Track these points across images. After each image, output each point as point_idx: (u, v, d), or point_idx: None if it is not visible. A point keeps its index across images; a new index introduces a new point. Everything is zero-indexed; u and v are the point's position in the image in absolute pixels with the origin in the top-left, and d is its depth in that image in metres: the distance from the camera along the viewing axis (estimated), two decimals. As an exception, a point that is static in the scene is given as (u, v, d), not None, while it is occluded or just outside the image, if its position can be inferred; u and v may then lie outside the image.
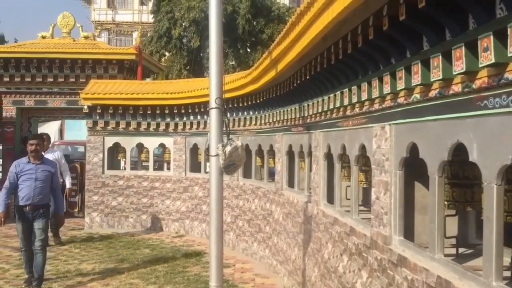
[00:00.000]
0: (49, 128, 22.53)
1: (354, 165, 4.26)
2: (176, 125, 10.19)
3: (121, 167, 11.47)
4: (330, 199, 5.04)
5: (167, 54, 23.03)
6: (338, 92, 4.36)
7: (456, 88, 2.52)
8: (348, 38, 3.53)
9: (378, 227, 3.53)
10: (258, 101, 7.35)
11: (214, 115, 4.41)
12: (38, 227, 5.94)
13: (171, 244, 8.84)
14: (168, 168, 10.71)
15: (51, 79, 11.60)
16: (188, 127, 10.02)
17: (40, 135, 7.15)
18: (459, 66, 2.41)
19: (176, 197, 10.17)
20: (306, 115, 5.60)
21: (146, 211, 10.32)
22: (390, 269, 3.28)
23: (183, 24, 22.80)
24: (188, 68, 24.54)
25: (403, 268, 3.08)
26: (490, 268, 2.28)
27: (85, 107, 10.17)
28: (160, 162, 11.85)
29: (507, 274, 2.75)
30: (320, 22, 3.45)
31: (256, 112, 7.89)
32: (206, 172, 9.73)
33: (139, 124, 10.32)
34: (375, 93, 3.52)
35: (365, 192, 5.34)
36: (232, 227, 8.59)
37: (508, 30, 2.04)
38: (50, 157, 7.57)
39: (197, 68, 24.67)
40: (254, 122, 8.03)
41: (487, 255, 2.32)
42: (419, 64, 2.83)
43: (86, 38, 12.45)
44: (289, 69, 5.18)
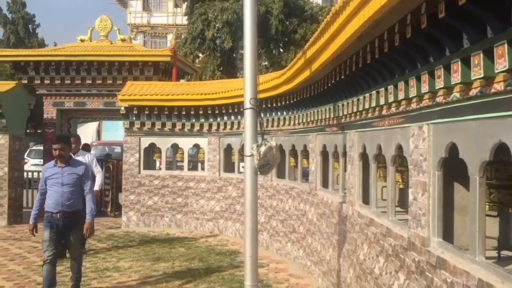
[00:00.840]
0: (87, 129, 23.20)
1: (390, 165, 4.20)
2: (210, 125, 10.29)
3: (156, 167, 11.68)
4: (366, 200, 4.99)
5: (200, 55, 23.28)
6: (374, 92, 4.31)
7: (498, 86, 2.46)
8: (385, 37, 3.48)
9: (416, 228, 3.48)
10: (292, 101, 7.34)
11: (248, 116, 4.44)
12: (71, 237, 5.48)
13: (205, 243, 8.94)
14: (203, 168, 10.82)
15: (89, 81, 11.93)
16: (222, 127, 10.11)
17: (64, 137, 6.16)
18: (501, 64, 2.35)
19: (210, 197, 10.27)
20: (340, 115, 5.56)
21: (181, 210, 10.47)
22: (428, 271, 3.22)
23: (217, 25, 23.00)
24: (221, 69, 24.72)
25: (442, 271, 3.02)
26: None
27: (122, 108, 10.39)
28: (195, 162, 12.00)
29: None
30: (356, 21, 3.43)
31: (290, 112, 7.88)
32: (240, 172, 9.81)
33: (174, 125, 10.48)
34: (413, 92, 3.47)
35: (401, 192, 5.26)
36: (265, 227, 8.61)
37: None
38: (80, 159, 6.80)
39: (230, 69, 24.83)
40: (287, 123, 8.02)
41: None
42: (459, 62, 2.77)
43: (123, 40, 12.74)
44: (323, 69, 5.15)
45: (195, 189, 10.42)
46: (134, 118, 10.50)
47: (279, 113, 8.27)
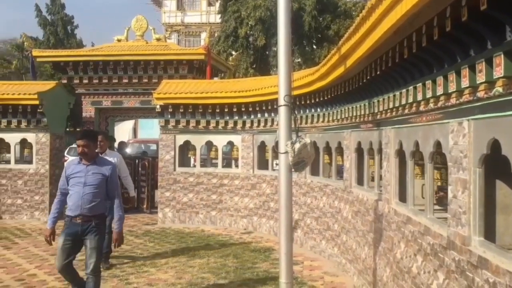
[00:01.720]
0: (123, 127, 23.70)
1: (428, 162, 4.11)
2: (244, 123, 10.33)
3: (191, 165, 11.82)
4: (402, 197, 4.90)
5: (234, 53, 23.42)
6: (411, 87, 4.22)
7: (544, 80, 2.37)
8: (423, 31, 3.40)
9: (456, 227, 3.39)
10: (326, 98, 7.27)
11: (283, 112, 4.43)
12: (90, 246, 4.74)
13: (239, 240, 8.99)
14: (236, 166, 10.88)
15: (126, 80, 12.17)
16: (255, 124, 10.13)
17: (90, 133, 5.37)
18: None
19: (244, 194, 10.32)
20: (376, 111, 5.47)
21: (215, 207, 10.56)
22: (469, 271, 3.14)
23: (249, 23, 23.05)
24: (254, 66, 24.75)
25: (484, 270, 2.93)
26: None
27: (157, 106, 10.56)
28: (228, 160, 12.08)
29: None
30: (393, 15, 3.36)
31: (324, 109, 7.82)
32: (274, 170, 9.81)
33: (208, 123, 10.58)
34: (452, 87, 3.37)
35: (439, 190, 5.14)
36: (299, 225, 8.58)
37: None
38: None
39: (263, 66, 24.84)
40: (321, 119, 7.96)
41: None
42: (502, 55, 2.67)
43: (158, 40, 12.94)
44: (358, 64, 5.08)
45: (229, 186, 10.48)
46: (169, 116, 10.65)
47: (313, 110, 8.22)
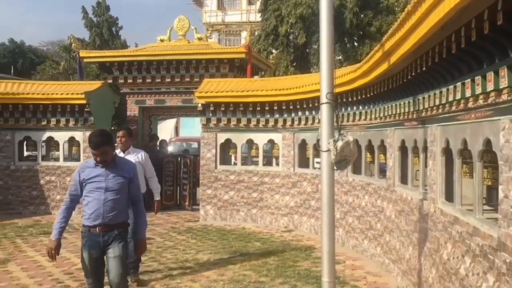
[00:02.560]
0: (165, 126, 24.14)
1: (477, 161, 3.97)
2: (285, 121, 10.31)
3: (231, 162, 11.91)
4: (449, 197, 4.76)
5: (274, 51, 23.43)
6: (459, 83, 4.09)
7: None
8: (472, 25, 3.29)
9: (507, 228, 3.26)
10: (368, 95, 7.16)
11: (325, 110, 4.39)
12: (113, 255, 4.21)
13: (280, 238, 8.99)
14: (277, 164, 10.88)
15: (168, 80, 12.39)
16: (296, 123, 10.09)
17: (104, 138, 4.23)
18: None
19: (285, 192, 10.31)
20: (421, 108, 5.34)
21: (256, 205, 10.60)
22: (521, 273, 3.02)
23: (290, 21, 22.99)
24: (294, 64, 24.66)
25: (538, 274, 2.81)
26: None
27: (199, 105, 10.70)
28: (269, 158, 12.10)
29: None
30: (440, 9, 3.27)
31: (366, 107, 7.70)
32: (315, 168, 9.75)
33: (249, 121, 10.62)
34: (503, 83, 3.25)
35: (488, 189, 4.96)
36: (341, 223, 8.50)
37: None
38: (131, 158, 5.80)
39: (303, 64, 24.72)
40: (363, 117, 7.84)
41: None
42: (558, 49, 2.55)
43: (200, 39, 13.09)
44: (403, 61, 4.97)
45: (270, 184, 10.50)
46: (211, 115, 10.76)
47: (355, 107, 8.11)
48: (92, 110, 11.20)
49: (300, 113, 9.94)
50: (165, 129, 23.63)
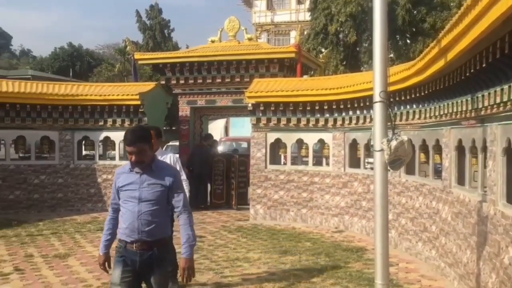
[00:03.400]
0: (216, 125, 24.49)
1: (542, 161, 3.78)
2: (335, 120, 10.20)
3: (281, 162, 11.91)
4: (510, 199, 4.55)
5: (323, 50, 23.24)
6: (522, 80, 3.91)
7: None
8: (537, 18, 3.14)
9: None
10: (422, 93, 6.96)
11: (378, 109, 4.32)
12: (153, 282, 3.62)
13: (331, 239, 8.91)
14: (327, 164, 10.78)
15: (219, 80, 12.56)
16: (347, 122, 9.96)
17: (143, 133, 3.65)
18: None
19: (335, 192, 10.20)
20: (480, 106, 5.13)
21: (306, 205, 10.55)
22: None
23: (340, 19, 22.73)
24: (344, 63, 24.37)
25: None
26: None
27: (249, 105, 10.77)
28: (319, 158, 12.01)
29: None
30: (503, 3, 3.13)
31: (420, 106, 7.49)
32: (366, 168, 9.59)
33: (299, 120, 10.59)
34: None
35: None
36: (394, 225, 8.30)
37: None
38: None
39: (353, 62, 24.39)
40: (417, 116, 7.64)
41: None
42: None
43: (250, 40, 13.18)
44: (461, 57, 4.80)
45: (320, 184, 10.42)
46: (261, 114, 10.82)
47: (408, 106, 7.91)
48: (146, 111, 11.53)
49: (351, 112, 9.81)
50: (215, 129, 23.96)
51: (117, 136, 11.96)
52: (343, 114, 10.02)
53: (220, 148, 17.85)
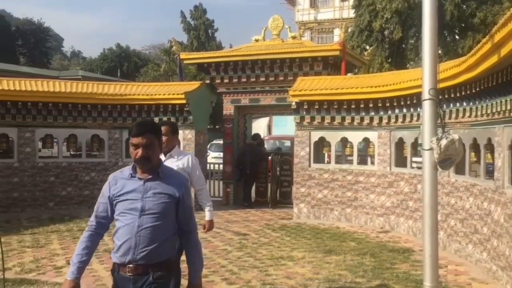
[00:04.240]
0: (259, 124, 24.60)
1: None
2: (381, 119, 10.03)
3: (325, 161, 11.82)
4: None
5: (368, 48, 22.90)
6: None
7: None
8: None
9: None
10: (473, 90, 6.75)
11: (427, 107, 4.21)
12: None
13: (376, 239, 8.77)
14: (372, 163, 10.62)
15: (263, 79, 12.60)
16: (393, 120, 9.77)
17: (152, 125, 3.09)
18: None
19: (380, 191, 10.03)
20: (536, 104, 4.93)
21: (351, 204, 10.43)
22: None
23: (385, 16, 22.33)
24: (389, 60, 23.91)
25: None
26: None
27: (293, 103, 10.75)
28: (363, 157, 11.84)
29: None
30: None
31: (470, 103, 7.25)
32: (412, 167, 9.37)
33: (343, 119, 10.48)
34: None
35: None
36: (442, 226, 8.08)
37: None
38: (173, 164, 4.43)
39: (399, 60, 23.89)
40: (467, 114, 7.39)
41: None
42: None
43: (293, 38, 13.15)
44: (515, 53, 4.63)
45: (365, 183, 10.27)
46: (305, 113, 10.77)
47: (458, 104, 7.67)
48: (191, 109, 11.72)
49: (397, 110, 9.61)
50: (258, 127, 24.06)
51: (163, 135, 12.19)
52: (389, 113, 9.83)
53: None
